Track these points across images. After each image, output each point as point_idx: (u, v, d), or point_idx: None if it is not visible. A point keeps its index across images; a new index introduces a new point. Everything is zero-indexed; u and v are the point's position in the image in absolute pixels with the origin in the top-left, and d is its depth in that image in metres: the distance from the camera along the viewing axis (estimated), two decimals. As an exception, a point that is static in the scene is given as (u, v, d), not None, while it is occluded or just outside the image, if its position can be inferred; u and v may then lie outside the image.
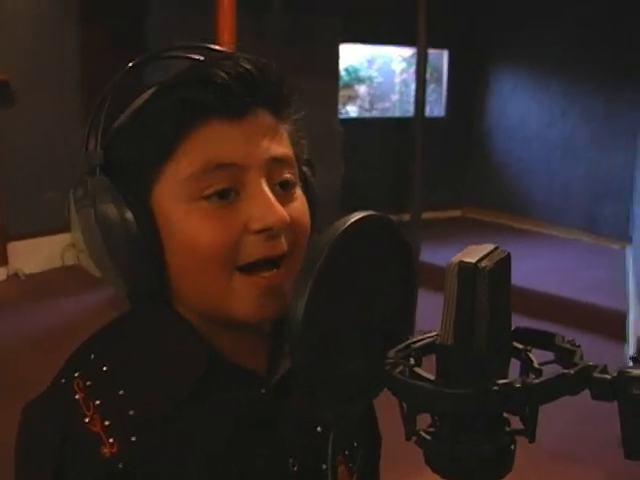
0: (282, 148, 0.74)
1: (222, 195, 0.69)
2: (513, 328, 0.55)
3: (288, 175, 0.74)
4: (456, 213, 8.37)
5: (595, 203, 7.35)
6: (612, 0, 6.84)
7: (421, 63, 4.29)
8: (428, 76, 5.24)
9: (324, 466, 0.80)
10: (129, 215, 0.70)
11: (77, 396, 0.72)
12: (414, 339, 0.56)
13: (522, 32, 7.63)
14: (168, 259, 0.72)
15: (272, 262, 0.71)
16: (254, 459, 0.76)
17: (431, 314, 0.85)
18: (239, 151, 0.70)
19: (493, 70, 8.16)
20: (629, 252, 6.62)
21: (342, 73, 7.25)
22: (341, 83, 6.91)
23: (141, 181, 0.72)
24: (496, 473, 0.52)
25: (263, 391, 0.77)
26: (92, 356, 0.76)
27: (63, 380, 0.74)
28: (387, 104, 8.52)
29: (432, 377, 0.50)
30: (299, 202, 0.75)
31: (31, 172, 5.54)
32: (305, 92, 0.77)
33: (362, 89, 8.32)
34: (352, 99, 8.19)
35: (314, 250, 0.52)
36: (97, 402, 0.71)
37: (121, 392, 0.72)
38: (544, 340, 0.56)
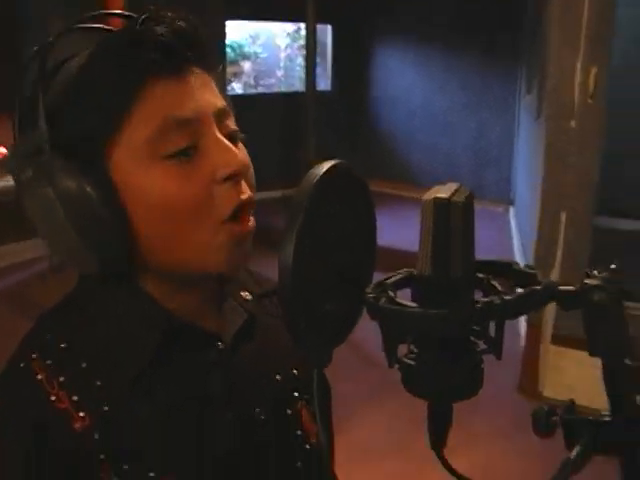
0: (221, 100, 0.75)
1: (184, 153, 0.69)
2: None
3: (234, 126, 0.75)
4: (346, 185, 8.51)
5: (478, 169, 7.69)
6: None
7: (310, 38, 4.34)
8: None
9: (288, 411, 0.83)
10: (91, 189, 0.68)
11: (39, 376, 0.71)
12: (385, 277, 0.60)
13: (405, 6, 7.82)
14: (136, 225, 0.71)
15: (247, 209, 0.73)
16: (222, 413, 0.78)
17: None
18: (190, 106, 0.70)
19: (377, 44, 8.33)
20: (512, 213, 6.99)
21: (227, 50, 7.19)
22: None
23: (94, 152, 0.70)
24: (472, 390, 0.57)
25: (220, 345, 0.79)
26: (48, 336, 0.75)
27: (22, 364, 0.73)
28: (272, 80, 8.52)
29: (413, 304, 0.54)
30: (244, 151, 0.76)
31: None
32: None
33: (247, 65, 8.28)
34: (237, 75, 8.14)
35: (296, 200, 0.55)
36: (61, 379, 0.71)
37: (84, 365, 0.72)
38: (502, 268, 0.61)
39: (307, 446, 0.86)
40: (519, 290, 0.54)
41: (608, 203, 4.74)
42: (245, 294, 0.84)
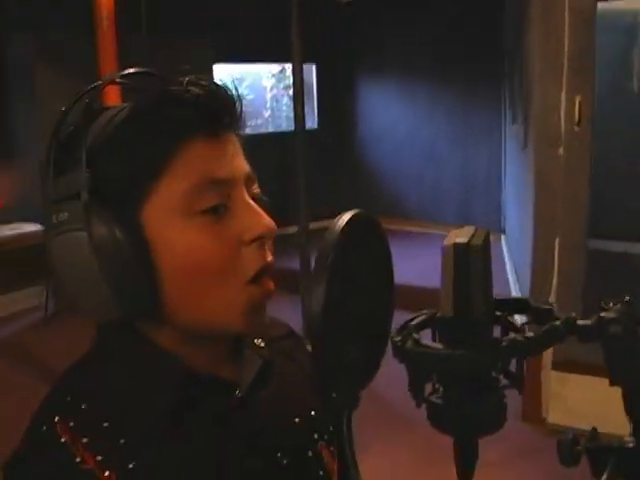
0: (248, 165, 0.78)
1: (215, 210, 0.71)
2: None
3: (258, 190, 0.78)
4: (336, 222, 8.57)
5: (466, 199, 7.76)
6: (463, 19, 7.30)
7: (297, 77, 4.40)
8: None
9: (310, 453, 0.85)
10: (124, 239, 0.69)
11: (63, 439, 0.72)
12: (407, 319, 0.63)
13: (387, 43, 7.97)
14: (163, 277, 0.72)
15: (269, 271, 0.75)
16: (245, 461, 0.78)
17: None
18: (226, 168, 0.73)
19: (361, 80, 8.46)
20: (504, 242, 7.03)
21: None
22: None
23: (130, 200, 0.71)
24: (497, 424, 0.59)
25: (238, 393, 0.79)
26: (68, 398, 0.76)
27: (44, 428, 0.74)
28: (260, 121, 8.61)
29: (439, 346, 0.57)
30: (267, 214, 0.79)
31: None
32: None
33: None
34: (225, 118, 8.21)
35: (322, 250, 0.57)
36: (84, 440, 0.72)
37: (105, 424, 0.73)
38: (519, 305, 0.64)
39: None
40: (540, 327, 0.57)
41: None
42: (259, 341, 0.86)
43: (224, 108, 0.74)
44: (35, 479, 0.72)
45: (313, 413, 0.89)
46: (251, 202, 0.74)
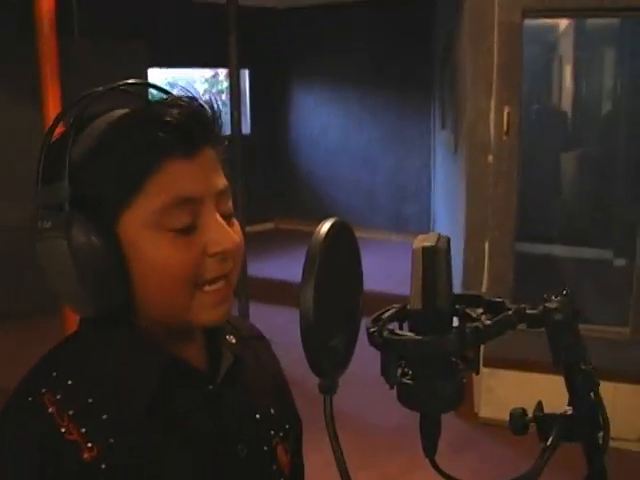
0: (223, 180, 0.84)
1: (186, 230, 0.79)
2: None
3: (230, 205, 0.85)
4: (269, 226, 8.65)
5: (398, 203, 7.96)
6: (396, 29, 7.50)
7: (234, 83, 4.46)
8: (228, 96, 5.42)
9: (265, 448, 0.93)
10: (101, 245, 0.77)
11: (50, 409, 0.77)
12: (379, 312, 0.72)
13: (320, 50, 8.11)
14: (135, 281, 0.79)
15: (223, 278, 0.83)
16: (211, 449, 0.86)
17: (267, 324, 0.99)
18: (198, 186, 0.80)
19: (293, 86, 8.57)
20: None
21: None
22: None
23: (107, 212, 0.78)
24: (458, 401, 0.69)
25: (211, 387, 0.87)
26: (54, 374, 0.81)
27: (30, 398, 0.79)
28: (193, 124, 8.58)
29: (412, 334, 0.66)
30: (238, 228, 0.86)
31: None
32: None
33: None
34: (157, 122, 8.16)
35: (310, 253, 0.66)
36: (70, 412, 0.77)
37: (90, 400, 0.79)
38: (474, 299, 0.74)
39: (282, 479, 0.95)
40: (493, 317, 0.67)
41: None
42: (230, 337, 0.93)
43: (201, 128, 0.80)
44: (20, 447, 0.77)
45: (272, 411, 0.97)
46: (219, 219, 0.81)
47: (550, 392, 1.06)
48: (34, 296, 5.29)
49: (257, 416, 0.94)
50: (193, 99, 0.82)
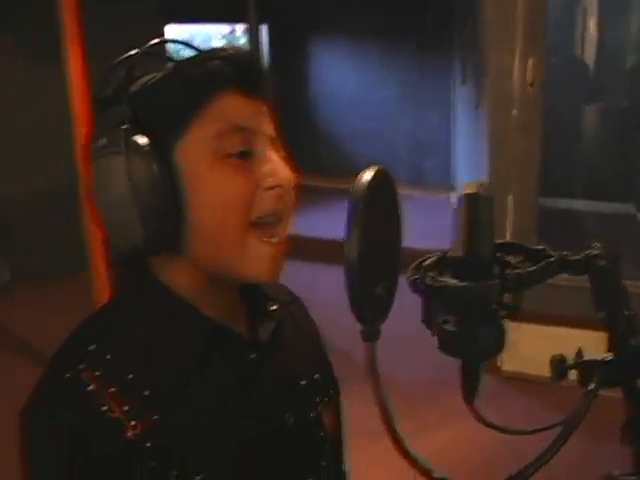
0: (274, 132, 0.85)
1: (241, 155, 0.79)
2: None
3: (282, 154, 0.85)
4: (290, 182, 8.63)
5: (417, 158, 7.90)
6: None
7: (253, 38, 4.43)
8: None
9: (312, 414, 0.91)
10: (156, 164, 0.76)
11: (90, 387, 0.75)
12: (419, 260, 0.73)
13: (339, 4, 7.96)
14: (189, 212, 0.77)
15: (278, 217, 0.81)
16: (257, 419, 0.84)
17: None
18: (255, 120, 0.81)
19: (312, 41, 8.46)
20: (453, 199, 7.21)
21: (165, 54, 7.19)
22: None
23: (164, 137, 0.77)
24: (500, 349, 0.70)
25: (254, 355, 0.85)
26: (91, 347, 0.78)
27: (68, 374, 0.76)
28: (210, 81, 8.54)
29: (455, 280, 0.67)
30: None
31: None
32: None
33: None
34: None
35: (353, 201, 0.66)
36: (112, 389, 0.75)
37: (131, 376, 0.76)
38: (513, 247, 0.74)
39: (327, 446, 0.94)
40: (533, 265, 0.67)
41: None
42: (270, 303, 0.91)
43: (255, 69, 0.82)
44: (59, 425, 0.75)
45: (316, 376, 0.95)
46: (274, 155, 0.81)
47: (573, 346, 1.06)
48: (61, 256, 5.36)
49: (302, 382, 0.92)
50: (247, 50, 0.86)
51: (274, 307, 0.91)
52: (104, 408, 0.74)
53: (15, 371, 4.04)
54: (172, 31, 7.12)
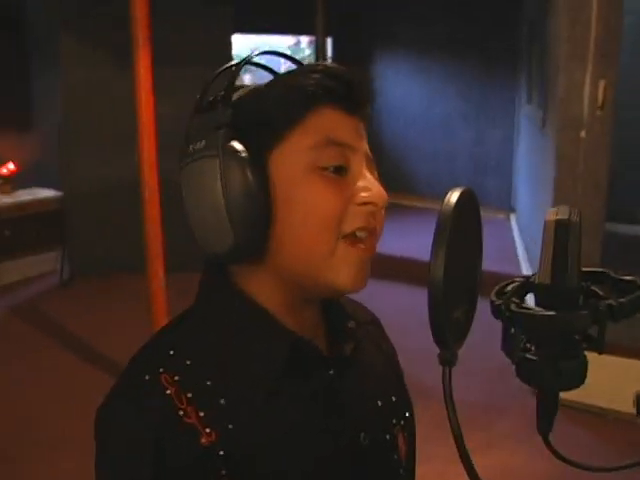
0: (371, 154, 0.83)
1: (336, 170, 0.78)
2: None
3: (376, 175, 0.83)
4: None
5: (478, 177, 7.82)
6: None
7: (320, 50, 4.45)
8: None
9: (387, 437, 0.89)
10: (251, 171, 0.75)
11: (168, 391, 0.74)
12: (501, 285, 0.71)
13: (404, 18, 7.97)
14: (278, 220, 0.77)
15: (369, 233, 0.79)
16: (331, 438, 0.82)
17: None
18: (350, 137, 0.79)
19: (376, 55, 8.47)
20: (514, 221, 7.10)
21: (230, 63, 7.28)
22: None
23: (263, 144, 0.77)
24: (580, 381, 0.67)
25: (331, 372, 0.83)
26: (171, 352, 0.78)
27: (147, 377, 0.76)
28: (273, 92, 8.61)
29: (540, 309, 0.64)
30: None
31: None
32: (201, 80, 0.85)
33: (246, 78, 8.37)
34: (238, 89, 8.22)
35: (441, 222, 0.65)
36: (189, 395, 0.74)
37: (209, 383, 0.76)
38: (600, 276, 0.72)
39: (401, 470, 0.91)
40: (621, 296, 0.64)
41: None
42: (350, 322, 0.89)
43: (358, 87, 0.80)
44: (136, 425, 0.75)
45: (394, 398, 0.93)
46: (368, 173, 0.80)
47: (632, 377, 1.02)
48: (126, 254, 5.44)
49: (379, 403, 0.90)
50: (354, 69, 0.82)
51: (353, 325, 0.89)
52: (181, 413, 0.74)
53: (73, 369, 4.13)
54: (237, 41, 7.21)
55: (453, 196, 0.67)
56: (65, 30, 5.38)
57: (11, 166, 5.86)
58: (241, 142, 0.76)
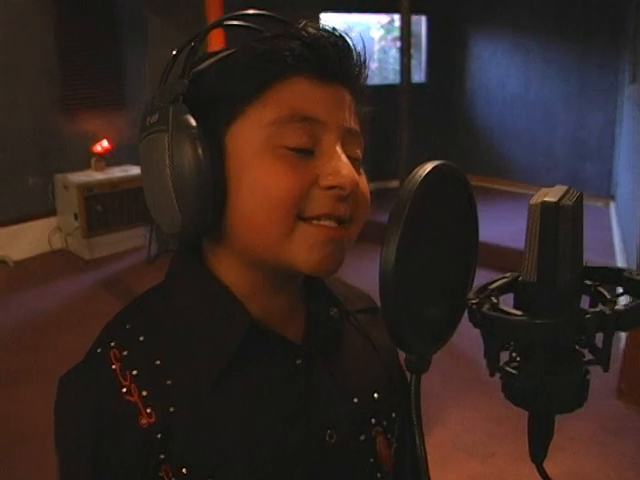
0: (355, 124, 0.74)
1: (300, 152, 0.69)
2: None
3: (359, 152, 0.74)
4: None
5: (577, 163, 7.43)
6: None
7: (406, 29, 4.29)
8: (408, 42, 5.24)
9: (362, 437, 0.80)
10: (202, 147, 0.68)
11: (114, 366, 0.71)
12: (488, 281, 0.59)
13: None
14: (231, 200, 0.70)
15: (334, 219, 0.70)
16: (291, 431, 0.75)
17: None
18: (323, 110, 0.70)
19: (472, 35, 8.17)
20: (613, 210, 6.72)
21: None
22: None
23: (220, 118, 0.70)
24: (577, 403, 0.55)
25: (299, 362, 0.76)
26: (128, 326, 0.75)
27: (99, 350, 0.74)
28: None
29: (519, 312, 0.52)
30: (365, 180, 0.74)
31: (14, 158, 5.50)
32: None
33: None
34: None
35: (398, 200, 0.53)
36: (134, 372, 0.71)
37: (158, 362, 0.72)
38: (612, 275, 0.58)
39: (378, 474, 0.82)
40: (627, 299, 0.51)
41: None
42: (333, 309, 0.81)
43: (334, 53, 0.71)
44: (79, 400, 0.73)
45: (376, 395, 0.83)
46: (341, 152, 0.70)
47: None
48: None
49: (355, 400, 0.81)
50: (328, 28, 0.72)
51: (335, 313, 0.81)
52: (124, 390, 0.71)
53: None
54: (328, 20, 7.13)
55: (421, 171, 0.55)
56: (150, 10, 5.44)
57: (105, 144, 6.01)
58: (197, 116, 0.69)
